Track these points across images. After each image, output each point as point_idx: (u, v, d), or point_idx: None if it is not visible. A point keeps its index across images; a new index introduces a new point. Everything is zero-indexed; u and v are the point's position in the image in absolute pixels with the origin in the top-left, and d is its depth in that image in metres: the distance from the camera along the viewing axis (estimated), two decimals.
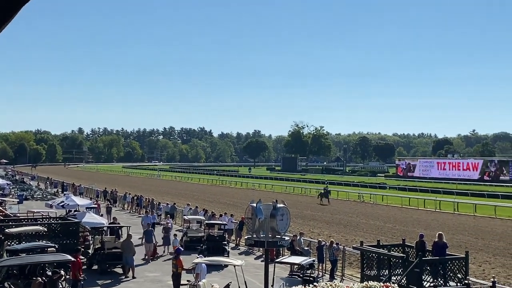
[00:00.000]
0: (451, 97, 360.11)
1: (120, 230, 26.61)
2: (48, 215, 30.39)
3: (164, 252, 26.49)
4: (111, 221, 29.54)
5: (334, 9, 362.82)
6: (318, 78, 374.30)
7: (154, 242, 25.80)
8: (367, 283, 11.97)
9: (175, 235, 27.18)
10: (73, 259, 16.72)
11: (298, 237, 24.22)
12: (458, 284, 15.94)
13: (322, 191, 58.81)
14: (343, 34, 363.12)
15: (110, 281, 20.98)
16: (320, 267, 22.61)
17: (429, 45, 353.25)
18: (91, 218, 27.48)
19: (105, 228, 25.95)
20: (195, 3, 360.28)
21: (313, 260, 20.44)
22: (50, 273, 16.23)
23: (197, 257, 19.34)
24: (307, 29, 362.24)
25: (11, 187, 63.71)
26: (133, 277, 21.59)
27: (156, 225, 32.19)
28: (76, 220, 25.16)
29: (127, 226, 25.64)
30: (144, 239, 26.43)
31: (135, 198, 47.54)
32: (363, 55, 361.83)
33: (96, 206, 37.23)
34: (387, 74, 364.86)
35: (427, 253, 17.65)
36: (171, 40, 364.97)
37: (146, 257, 25.20)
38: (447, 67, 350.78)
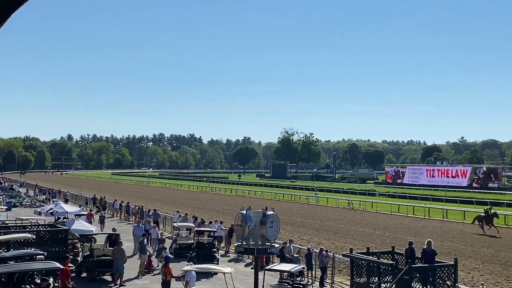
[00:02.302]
0: (440, 104, 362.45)
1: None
2: (36, 223, 30.17)
3: (158, 265, 25.35)
4: (110, 232, 26.52)
5: (323, 15, 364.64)
6: (308, 84, 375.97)
7: (148, 253, 24.59)
8: None
9: (164, 248, 25.30)
10: (62, 266, 16.62)
11: (288, 244, 24.19)
12: None
13: (484, 214, 41.95)
14: (332, 40, 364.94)
15: None
16: (310, 275, 22.60)
17: (419, 51, 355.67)
18: (80, 225, 27.26)
19: (94, 236, 25.68)
20: (184, 8, 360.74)
21: (303, 268, 20.44)
22: (38, 281, 16.14)
23: (187, 265, 19.28)
24: (296, 35, 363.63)
25: None
26: (121, 285, 21.42)
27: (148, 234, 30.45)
28: (65, 228, 24.98)
29: (116, 234, 25.48)
30: (139, 250, 24.82)
31: (125, 205, 47.28)
32: (353, 62, 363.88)
33: (87, 214, 36.87)
34: (377, 81, 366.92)
35: (417, 260, 17.71)
36: (161, 47, 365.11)
37: (142, 269, 23.80)
38: (436, 74, 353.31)
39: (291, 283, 18.66)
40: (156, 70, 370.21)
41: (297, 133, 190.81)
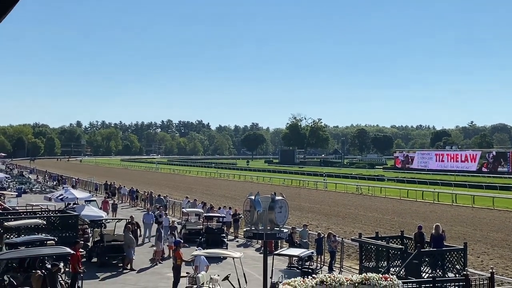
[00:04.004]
0: (449, 89, 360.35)
1: (138, 231, 25.77)
2: (47, 208, 30.35)
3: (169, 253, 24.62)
4: (129, 220, 25.52)
5: (330, 1, 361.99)
6: (316, 70, 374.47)
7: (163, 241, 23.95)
8: (365, 274, 11.99)
9: (173, 233, 24.87)
10: (72, 252, 16.71)
11: (302, 229, 24.34)
12: (457, 275, 15.94)
13: None
14: (341, 25, 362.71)
15: (109, 273, 21.00)
16: (319, 259, 22.67)
17: (427, 36, 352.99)
18: (90, 211, 27.37)
19: (104, 222, 25.73)
20: None
21: (312, 252, 20.49)
22: (49, 266, 16.25)
23: (196, 250, 19.35)
24: (304, 21, 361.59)
25: (9, 180, 63.69)
26: (132, 269, 21.57)
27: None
28: (75, 213, 25.11)
29: (126, 219, 25.63)
30: (156, 238, 24.08)
31: (131, 191, 47.45)
32: (362, 47, 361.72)
33: (102, 202, 36.96)
34: (385, 66, 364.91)
35: (426, 245, 17.68)
36: (169, 33, 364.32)
37: (155, 257, 23.30)
38: (445, 58, 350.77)
39: (300, 267, 18.70)
40: (164, 56, 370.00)
41: (305, 118, 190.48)
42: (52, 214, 25.29)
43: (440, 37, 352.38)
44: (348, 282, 11.55)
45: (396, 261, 16.83)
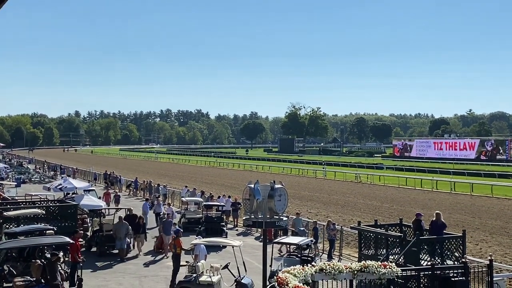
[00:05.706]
0: (447, 77, 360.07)
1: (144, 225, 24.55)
2: (46, 198, 30.35)
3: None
4: (127, 212, 25.17)
5: None
6: (315, 58, 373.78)
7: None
8: (365, 262, 12.01)
9: (174, 223, 24.42)
10: (71, 241, 16.72)
11: (295, 218, 24.27)
12: (455, 262, 15.97)
13: None
14: (340, 13, 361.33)
15: (108, 262, 21.04)
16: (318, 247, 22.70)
17: (426, 24, 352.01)
18: (89, 200, 27.35)
19: (103, 211, 25.68)
20: None
21: (311, 240, 20.50)
22: (49, 255, 16.27)
23: (196, 238, 19.37)
24: (303, 9, 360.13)
25: (8, 170, 63.70)
26: (122, 259, 21.45)
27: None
28: (74, 203, 25.09)
29: (125, 208, 25.64)
30: (162, 230, 23.45)
31: (135, 181, 47.48)
32: (360, 35, 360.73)
33: (104, 193, 36.89)
34: (384, 54, 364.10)
35: (425, 232, 17.68)
36: (167, 22, 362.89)
37: (158, 248, 23.08)
38: (443, 47, 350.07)
39: (299, 255, 18.73)
40: (163, 45, 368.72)
41: (304, 107, 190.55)
42: (51, 204, 25.29)
43: (438, 26, 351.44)
44: (347, 269, 11.58)
45: (395, 249, 16.84)
